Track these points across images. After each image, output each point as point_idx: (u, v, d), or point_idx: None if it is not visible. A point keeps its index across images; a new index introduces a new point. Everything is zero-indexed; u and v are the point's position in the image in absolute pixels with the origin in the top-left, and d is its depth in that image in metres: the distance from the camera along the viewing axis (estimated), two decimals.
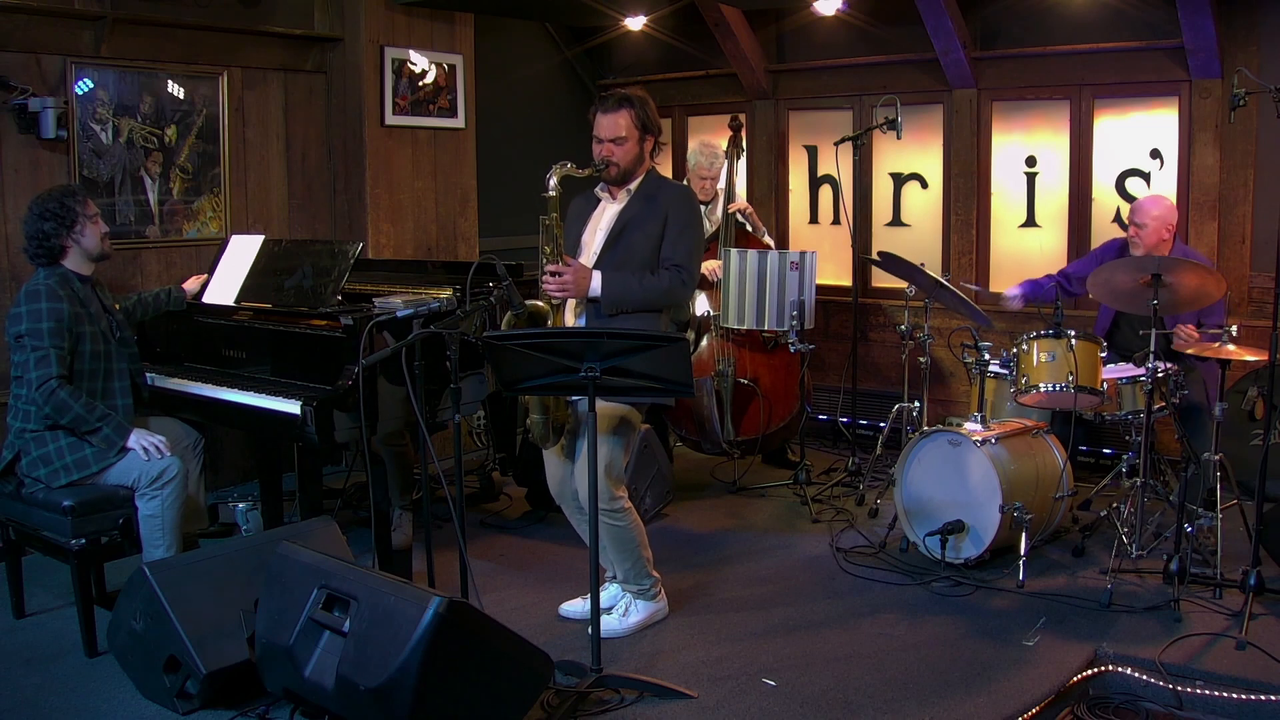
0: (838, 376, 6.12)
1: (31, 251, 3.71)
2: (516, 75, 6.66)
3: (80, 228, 3.71)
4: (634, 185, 3.61)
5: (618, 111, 3.53)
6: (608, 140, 3.54)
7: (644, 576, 3.76)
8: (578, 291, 3.48)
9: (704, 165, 5.43)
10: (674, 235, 3.57)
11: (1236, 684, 3.30)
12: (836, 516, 4.94)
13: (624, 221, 3.58)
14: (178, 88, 5.07)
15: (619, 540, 3.65)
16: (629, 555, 3.69)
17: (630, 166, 3.57)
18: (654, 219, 3.56)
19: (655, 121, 3.61)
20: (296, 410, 3.74)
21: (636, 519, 3.70)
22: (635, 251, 3.55)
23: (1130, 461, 4.39)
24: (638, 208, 3.58)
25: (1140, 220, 4.67)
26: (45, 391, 3.55)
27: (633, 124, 3.53)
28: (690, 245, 3.60)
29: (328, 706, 2.98)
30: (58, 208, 3.68)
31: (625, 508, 3.64)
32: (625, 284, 3.50)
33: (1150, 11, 5.24)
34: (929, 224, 6.13)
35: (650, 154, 3.64)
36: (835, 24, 6.13)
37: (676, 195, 3.64)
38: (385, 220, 5.66)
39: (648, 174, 3.63)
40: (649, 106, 3.59)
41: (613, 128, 3.53)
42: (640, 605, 3.78)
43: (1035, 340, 4.31)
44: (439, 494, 4.55)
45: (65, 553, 3.58)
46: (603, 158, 3.54)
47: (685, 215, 3.61)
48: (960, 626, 3.75)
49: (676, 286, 3.56)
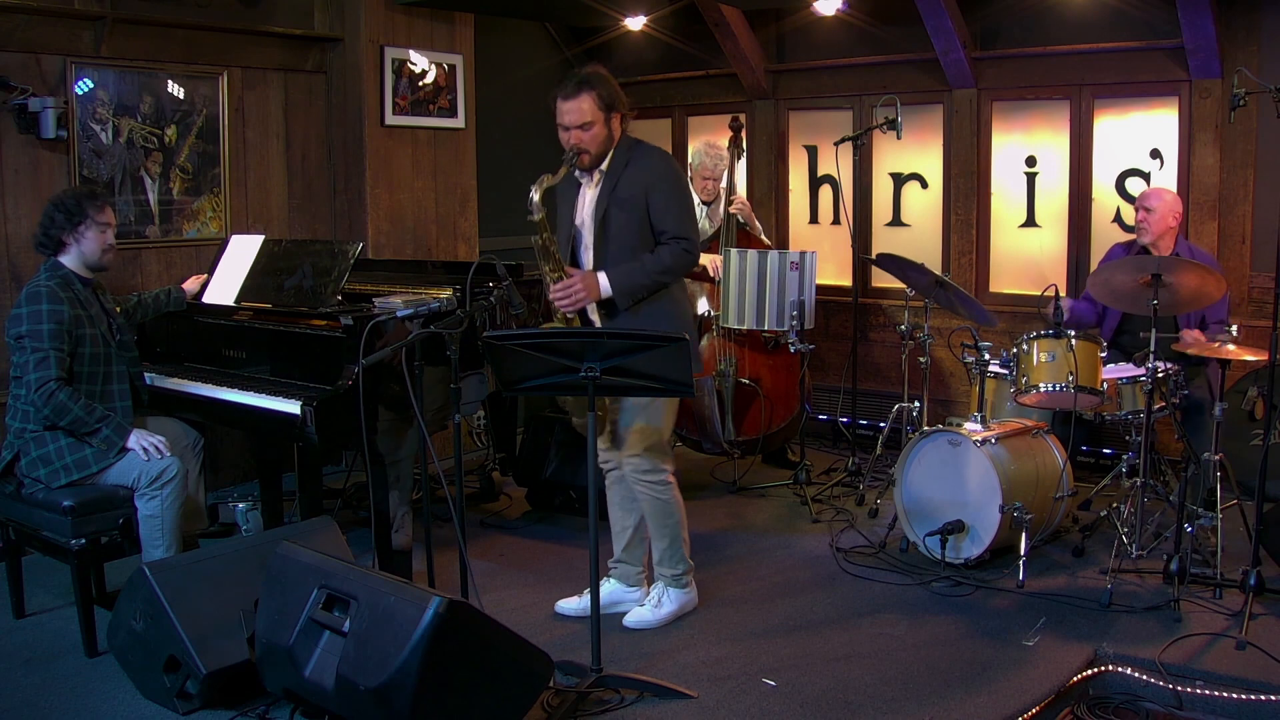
0: (838, 376, 6.11)
1: (37, 237, 3.75)
2: (516, 75, 6.66)
3: (84, 229, 3.71)
4: (605, 165, 3.55)
5: (578, 96, 3.45)
6: (574, 127, 3.46)
7: (679, 561, 3.77)
8: (590, 297, 3.47)
9: (708, 166, 5.44)
10: (660, 206, 3.52)
11: (1236, 684, 3.30)
12: (836, 516, 4.94)
13: (604, 206, 3.54)
14: (178, 88, 5.07)
15: (661, 512, 3.66)
16: (668, 531, 3.70)
17: (601, 149, 3.51)
18: (636, 195, 3.51)
19: (619, 96, 3.52)
20: (296, 410, 3.74)
21: (678, 496, 3.71)
22: (627, 233, 3.52)
23: (1130, 461, 4.38)
24: (614, 187, 3.52)
25: (1150, 204, 4.69)
26: (45, 393, 3.55)
27: (596, 106, 3.45)
28: (680, 212, 3.56)
29: (328, 706, 2.98)
30: (72, 203, 3.72)
31: (670, 481, 3.67)
32: (631, 274, 3.49)
33: (1150, 11, 5.24)
34: (929, 224, 6.12)
35: (620, 130, 3.56)
36: (835, 24, 6.13)
37: (650, 163, 3.56)
38: (385, 220, 5.66)
39: (616, 148, 3.55)
40: (609, 83, 3.51)
41: (577, 113, 3.45)
42: (673, 594, 3.79)
43: (1035, 340, 4.30)
44: (439, 494, 4.55)
45: (65, 553, 3.58)
46: (573, 146, 3.48)
47: (666, 182, 3.55)
48: (960, 626, 3.75)
49: (680, 257, 3.54)
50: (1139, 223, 4.73)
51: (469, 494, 5.21)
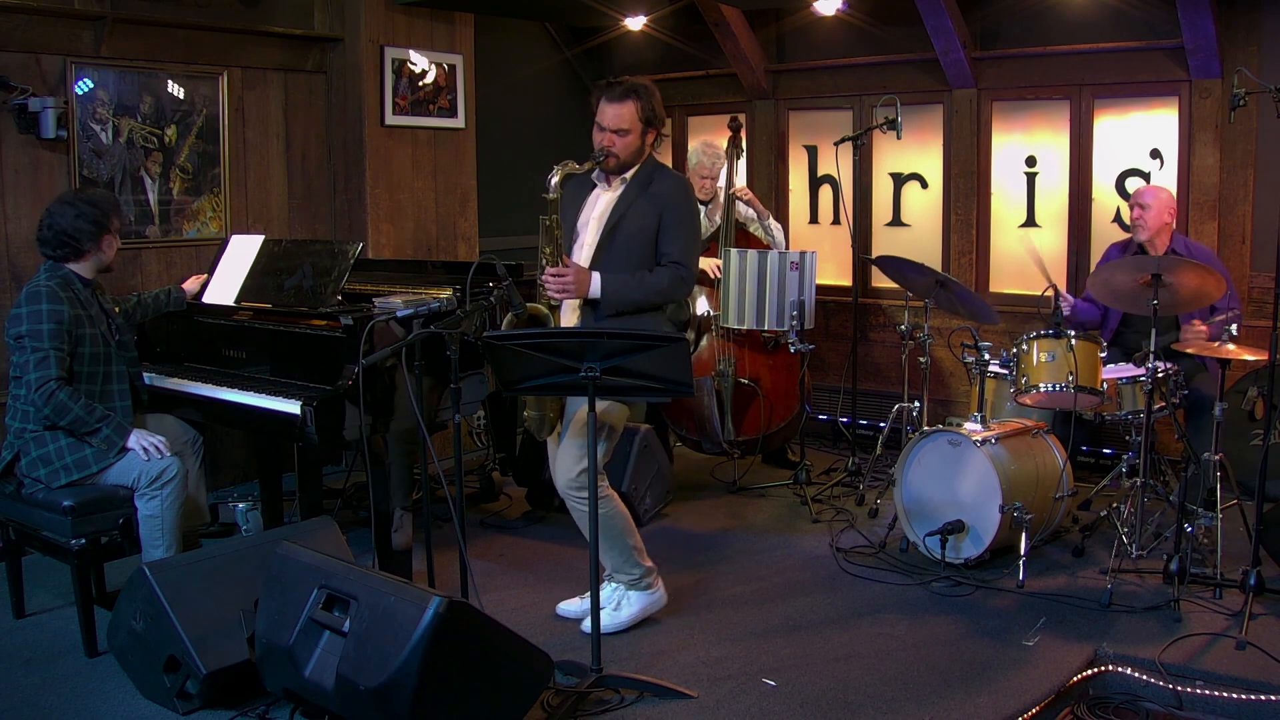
0: (838, 376, 6.12)
1: (52, 244, 3.67)
2: (516, 75, 6.66)
3: (109, 241, 3.74)
4: (629, 174, 3.57)
5: (623, 102, 3.47)
6: (610, 130, 3.49)
7: (634, 566, 3.71)
8: (578, 293, 3.47)
9: (705, 165, 5.43)
10: (670, 230, 3.53)
11: (1236, 684, 3.30)
12: (836, 516, 4.94)
13: (619, 213, 3.54)
14: (178, 88, 5.07)
15: (601, 526, 3.63)
16: (615, 542, 3.66)
17: (630, 158, 3.54)
18: (650, 212, 3.52)
19: (660, 114, 3.56)
20: (296, 410, 3.74)
21: (620, 506, 3.66)
22: (632, 245, 3.52)
23: (1130, 461, 4.38)
24: (633, 199, 3.54)
25: (1145, 201, 4.70)
26: (44, 393, 3.55)
27: (637, 116, 3.48)
28: (687, 240, 3.57)
29: (328, 706, 2.98)
30: (101, 215, 3.70)
31: (606, 494, 3.60)
32: (625, 285, 3.49)
33: (1150, 11, 5.24)
34: (929, 224, 6.12)
35: (651, 146, 3.60)
36: (835, 24, 6.13)
37: (672, 186, 3.59)
38: (385, 220, 5.66)
39: (644, 162, 3.59)
40: (655, 98, 3.54)
41: (616, 118, 3.48)
42: (634, 597, 3.74)
43: (1035, 340, 4.30)
44: (439, 494, 4.55)
45: (65, 553, 3.58)
46: (603, 147, 3.50)
47: (682, 208, 3.57)
48: (960, 626, 3.75)
49: (676, 284, 3.55)
50: (1134, 220, 4.74)
51: (469, 494, 5.20)
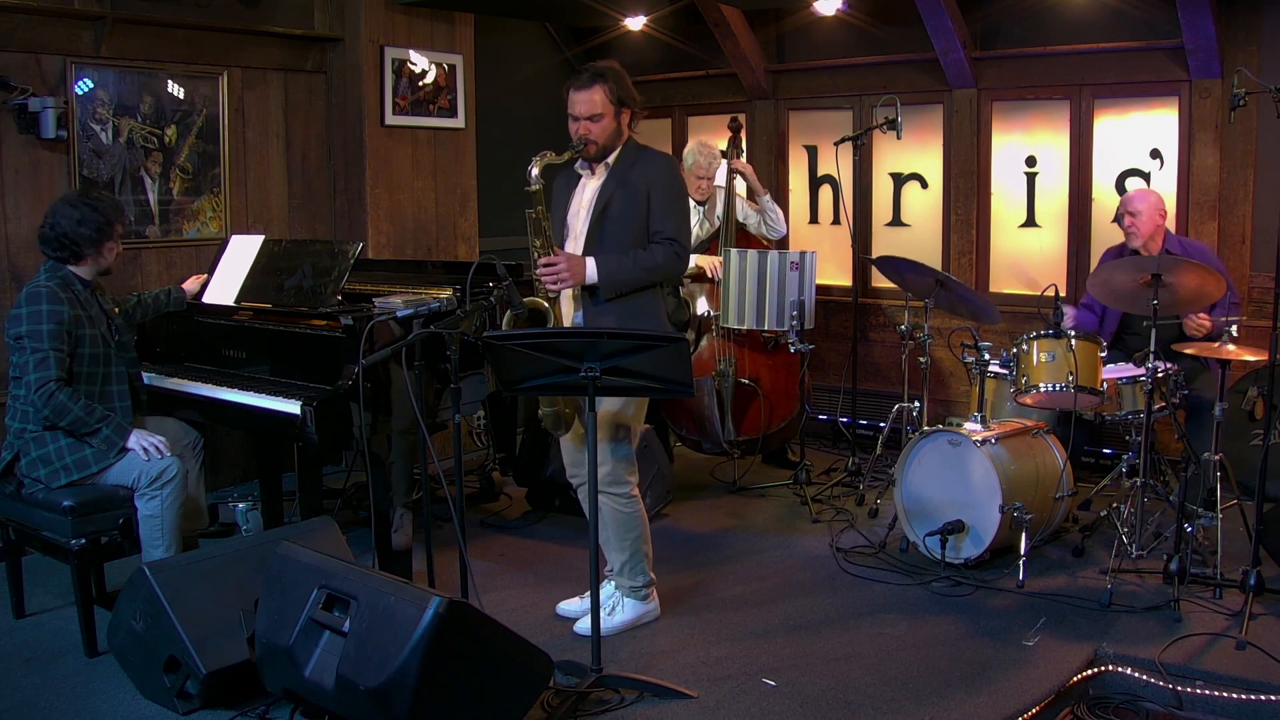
0: (838, 376, 6.11)
1: (53, 244, 3.67)
2: (516, 75, 6.66)
3: (109, 248, 3.74)
4: (612, 159, 3.58)
5: (591, 88, 3.49)
6: (583, 118, 3.50)
7: (639, 573, 3.75)
8: (574, 280, 3.47)
9: (701, 165, 5.43)
10: (660, 206, 3.55)
11: (1236, 684, 3.30)
12: (836, 516, 4.94)
13: (606, 198, 3.55)
14: (178, 88, 5.07)
15: (622, 524, 3.66)
16: (629, 544, 3.69)
17: (609, 142, 3.54)
18: (637, 192, 3.53)
19: (631, 93, 3.57)
20: (296, 410, 3.74)
21: (643, 510, 3.72)
22: (623, 228, 3.53)
23: (1130, 461, 4.38)
24: (618, 181, 3.55)
25: (1135, 208, 4.69)
26: (44, 394, 3.55)
27: (607, 99, 3.49)
28: (678, 216, 3.59)
29: (328, 706, 2.98)
30: (104, 222, 3.69)
31: (633, 494, 3.68)
32: (620, 265, 3.50)
33: (1150, 11, 5.24)
34: (929, 224, 6.12)
35: (629, 125, 3.60)
36: (835, 24, 6.13)
37: (656, 165, 3.60)
38: (385, 220, 5.66)
39: (625, 145, 3.59)
40: (623, 78, 3.55)
41: (588, 105, 3.49)
42: (629, 605, 3.77)
43: (1035, 340, 4.30)
44: (439, 494, 4.55)
45: (65, 553, 3.58)
46: (580, 136, 3.51)
47: (668, 185, 3.58)
48: (960, 626, 3.75)
49: (671, 259, 3.56)
50: (1127, 228, 4.73)
51: (469, 494, 5.20)
